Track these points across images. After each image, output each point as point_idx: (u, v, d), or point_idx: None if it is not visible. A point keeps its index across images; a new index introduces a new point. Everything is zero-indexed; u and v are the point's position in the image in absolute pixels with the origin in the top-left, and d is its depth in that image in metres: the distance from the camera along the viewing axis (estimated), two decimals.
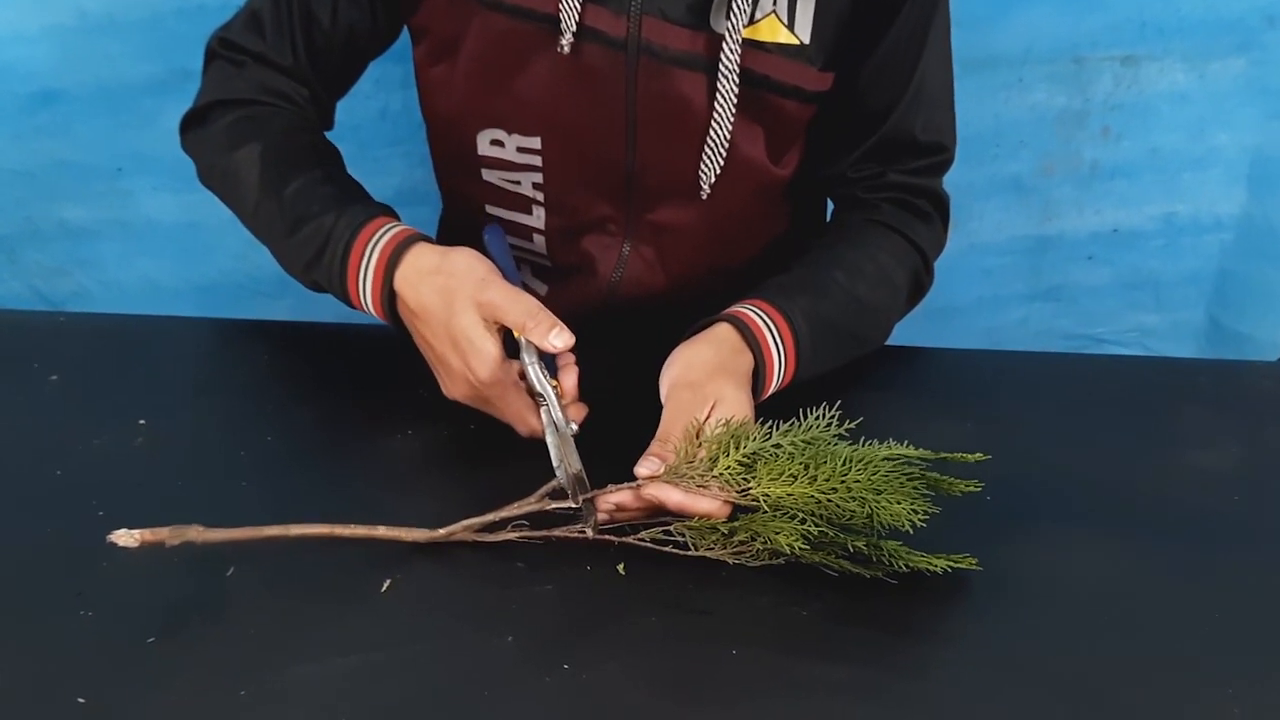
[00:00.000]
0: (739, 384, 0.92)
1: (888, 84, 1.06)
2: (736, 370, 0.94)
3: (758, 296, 1.00)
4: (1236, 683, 0.78)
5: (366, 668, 0.76)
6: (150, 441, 0.97)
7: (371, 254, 0.94)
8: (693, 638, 0.79)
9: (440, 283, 0.91)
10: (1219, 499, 0.95)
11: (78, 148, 1.45)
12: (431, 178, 1.39)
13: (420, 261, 0.93)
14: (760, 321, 0.97)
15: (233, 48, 1.07)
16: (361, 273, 0.94)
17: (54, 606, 0.80)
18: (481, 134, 1.08)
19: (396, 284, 0.93)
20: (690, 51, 1.00)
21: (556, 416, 0.90)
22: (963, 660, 0.79)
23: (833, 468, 0.82)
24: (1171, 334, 1.65)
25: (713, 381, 0.91)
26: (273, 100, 1.06)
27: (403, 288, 0.93)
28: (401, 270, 0.93)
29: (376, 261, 0.94)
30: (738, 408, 0.89)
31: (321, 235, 0.96)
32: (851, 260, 1.06)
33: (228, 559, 0.83)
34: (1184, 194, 1.55)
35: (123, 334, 1.14)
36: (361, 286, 0.95)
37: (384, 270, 0.93)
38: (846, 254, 1.07)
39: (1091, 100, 1.48)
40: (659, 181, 1.08)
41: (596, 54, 1.00)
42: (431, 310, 0.91)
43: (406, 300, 0.93)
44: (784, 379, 0.98)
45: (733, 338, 0.96)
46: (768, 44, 1.00)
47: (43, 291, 1.54)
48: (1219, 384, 1.10)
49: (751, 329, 0.96)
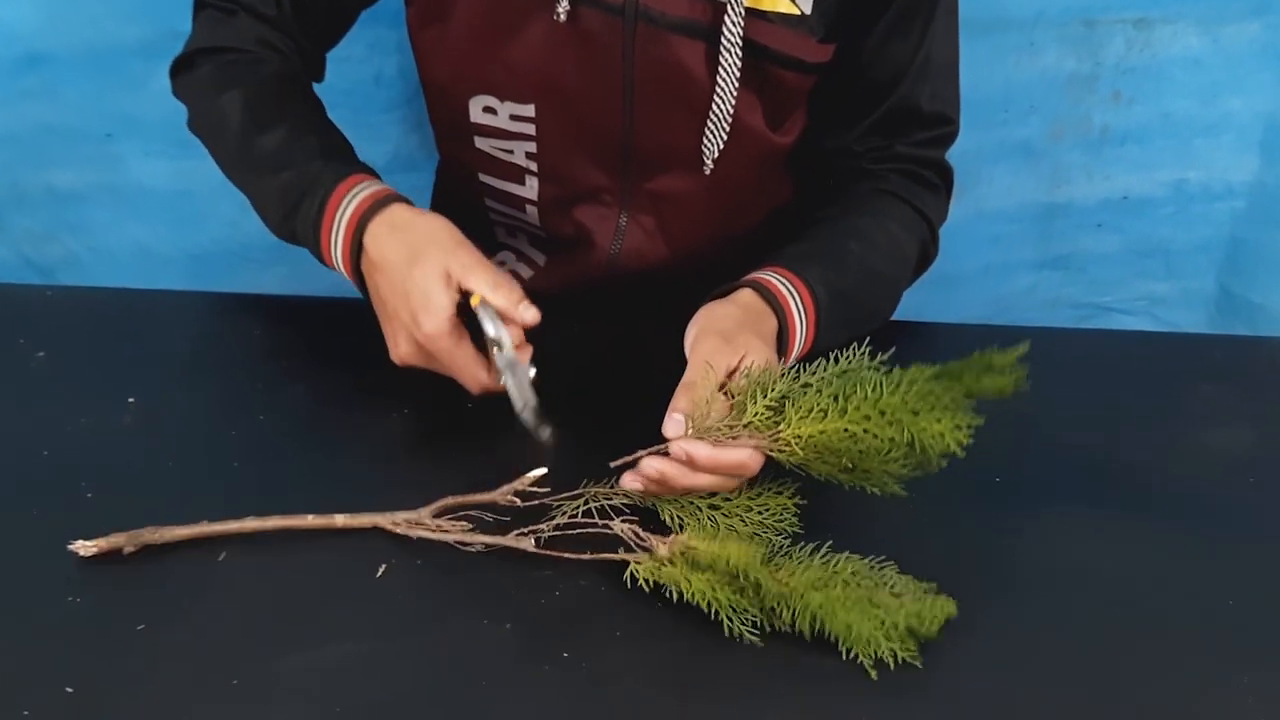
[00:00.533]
0: (766, 341, 0.90)
1: (894, 55, 1.04)
2: (762, 329, 0.92)
3: (777, 264, 0.98)
4: (1252, 670, 0.77)
5: (361, 656, 0.74)
6: (139, 420, 0.95)
7: (348, 206, 0.92)
8: (694, 626, 0.78)
9: (408, 238, 0.90)
10: (1233, 480, 0.94)
11: (65, 112, 1.42)
12: (426, 144, 1.37)
13: (394, 217, 0.92)
14: (783, 287, 0.95)
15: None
16: (336, 223, 0.93)
17: (41, 593, 0.78)
18: (474, 100, 1.06)
19: (365, 237, 0.92)
20: (689, 18, 0.98)
21: (511, 356, 0.88)
22: (969, 646, 0.78)
23: (863, 395, 0.79)
24: (1181, 303, 1.63)
25: (742, 334, 0.89)
26: (259, 49, 1.05)
27: (370, 240, 0.91)
28: (373, 225, 0.91)
29: (352, 214, 0.92)
30: (766, 364, 0.87)
31: (301, 185, 0.95)
32: (864, 231, 1.04)
33: (219, 544, 0.82)
34: (1196, 160, 1.52)
35: (111, 309, 1.12)
36: (334, 238, 0.93)
37: (357, 223, 0.92)
38: (859, 224, 1.05)
39: (1103, 64, 1.45)
40: (657, 151, 1.06)
41: (593, 19, 0.98)
42: (392, 263, 0.90)
43: (369, 252, 0.91)
44: (804, 347, 0.96)
45: (757, 302, 0.94)
46: (769, 13, 0.98)
47: (31, 259, 1.52)
48: (1233, 360, 1.09)
49: (775, 294, 0.94)
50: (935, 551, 0.81)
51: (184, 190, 1.48)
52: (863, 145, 1.10)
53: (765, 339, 0.91)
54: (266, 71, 1.03)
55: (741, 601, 0.78)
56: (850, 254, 1.02)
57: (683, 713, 0.72)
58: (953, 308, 1.53)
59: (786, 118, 1.07)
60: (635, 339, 0.91)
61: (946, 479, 0.83)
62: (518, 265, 1.22)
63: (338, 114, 1.06)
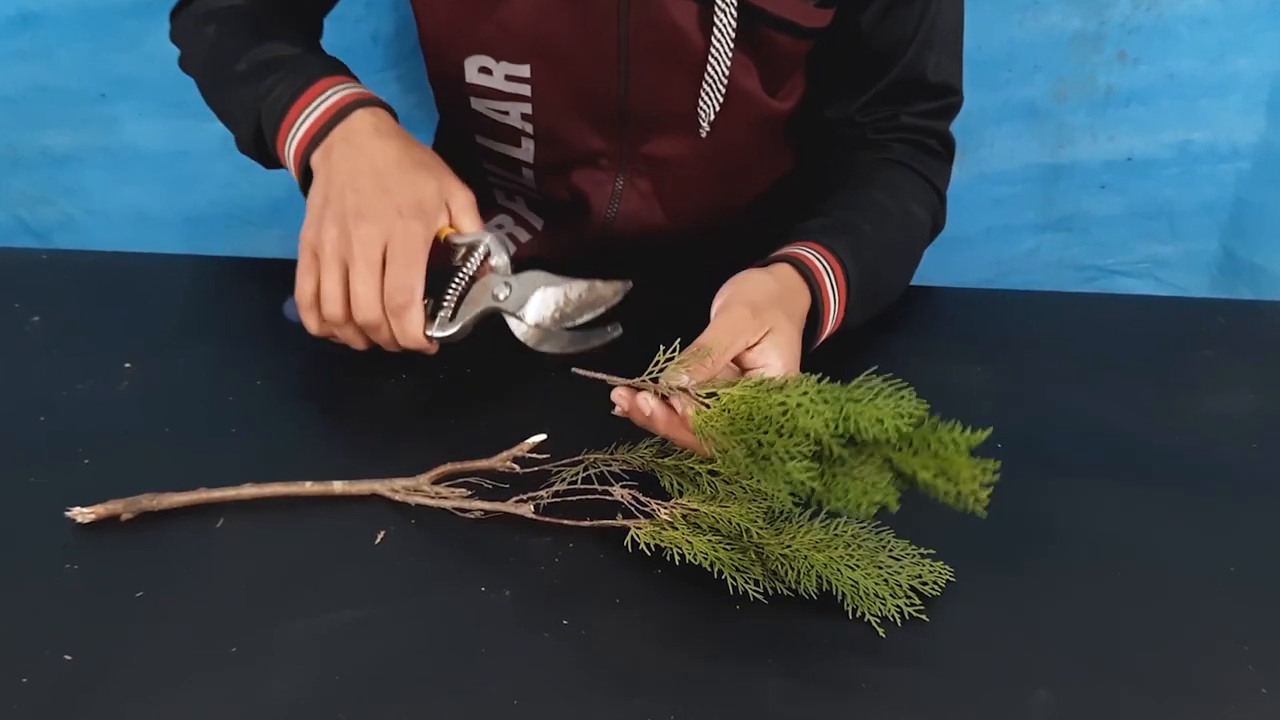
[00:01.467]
0: (794, 322, 0.89)
1: (898, 24, 1.02)
2: (793, 309, 0.90)
3: (808, 239, 0.96)
4: (1252, 640, 0.76)
5: (359, 623, 0.74)
6: (136, 386, 0.94)
7: (337, 92, 0.90)
8: (695, 591, 0.77)
9: (409, 145, 0.89)
10: (1237, 447, 0.93)
11: (59, 72, 1.41)
12: (425, 104, 1.36)
13: (391, 123, 0.90)
14: (818, 263, 0.94)
15: None
16: (319, 100, 0.90)
17: (39, 561, 0.78)
18: (469, 60, 1.05)
19: (356, 120, 0.88)
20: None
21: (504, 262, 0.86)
22: (971, 613, 0.78)
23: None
24: (1184, 265, 1.62)
25: (772, 309, 0.87)
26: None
27: (358, 123, 0.88)
28: (363, 112, 0.89)
29: (342, 97, 0.90)
30: (789, 345, 0.86)
31: (288, 72, 0.92)
32: (883, 205, 1.03)
33: (217, 511, 0.82)
34: (1201, 121, 1.51)
35: (107, 272, 1.11)
36: (309, 110, 0.90)
37: (347, 104, 0.89)
38: (875, 196, 1.04)
39: (1108, 23, 1.43)
40: (653, 113, 1.05)
41: None
42: (387, 155, 0.87)
43: (363, 133, 0.88)
44: (835, 324, 0.95)
45: (793, 277, 0.92)
46: None
47: (26, 221, 1.51)
48: (1237, 325, 1.08)
49: (812, 270, 0.93)
50: (935, 516, 0.81)
51: (180, 151, 1.47)
52: (867, 115, 1.08)
53: (794, 318, 0.89)
54: (264, 5, 1.02)
55: (744, 561, 0.78)
56: (872, 229, 1.00)
57: (685, 677, 0.72)
58: (955, 270, 1.52)
59: (783, 83, 1.06)
60: (635, 303, 0.90)
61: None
62: (516, 229, 1.21)
63: None
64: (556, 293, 0.85)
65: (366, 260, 0.84)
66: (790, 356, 0.85)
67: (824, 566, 0.77)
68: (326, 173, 0.87)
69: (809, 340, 0.93)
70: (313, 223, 0.87)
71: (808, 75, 1.08)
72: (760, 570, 0.78)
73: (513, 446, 0.84)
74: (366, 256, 0.84)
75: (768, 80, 1.04)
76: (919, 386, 0.83)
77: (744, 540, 0.78)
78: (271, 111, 0.92)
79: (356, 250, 0.84)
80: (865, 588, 0.76)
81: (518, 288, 0.86)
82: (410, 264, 0.84)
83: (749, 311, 0.85)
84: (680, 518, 0.79)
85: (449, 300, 0.87)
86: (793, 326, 0.88)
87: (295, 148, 0.90)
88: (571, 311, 0.84)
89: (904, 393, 0.76)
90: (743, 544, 0.78)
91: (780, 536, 0.78)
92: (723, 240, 1.02)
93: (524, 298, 0.86)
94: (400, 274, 0.84)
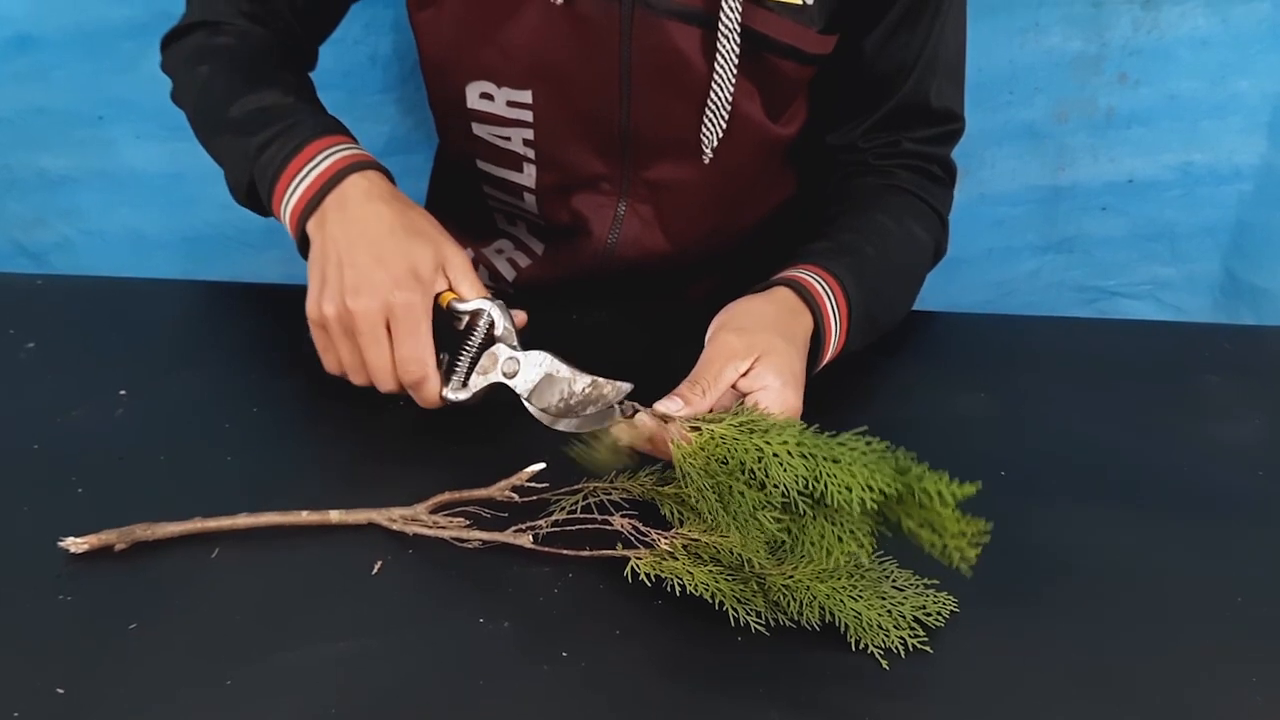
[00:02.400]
0: (791, 340, 0.88)
1: (901, 49, 1.02)
2: (793, 330, 0.90)
3: (808, 262, 0.96)
4: (1260, 668, 0.75)
5: (356, 654, 0.73)
6: (131, 413, 0.94)
7: (332, 154, 0.89)
8: (696, 623, 0.77)
9: (402, 209, 0.88)
10: (1241, 473, 0.92)
11: (57, 94, 1.41)
12: (423, 126, 1.35)
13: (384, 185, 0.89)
14: (818, 285, 0.94)
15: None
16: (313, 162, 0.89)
17: (30, 591, 0.77)
18: (471, 86, 1.05)
19: (348, 186, 0.88)
20: (687, 4, 0.96)
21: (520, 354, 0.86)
22: (976, 641, 0.77)
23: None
24: (1186, 287, 1.61)
25: (764, 333, 0.87)
26: (250, 25, 1.03)
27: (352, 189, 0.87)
28: (357, 178, 0.88)
29: (335, 161, 0.89)
30: (785, 366, 0.85)
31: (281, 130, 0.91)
32: (886, 228, 1.03)
33: (212, 540, 0.81)
34: (1202, 142, 1.50)
35: (102, 297, 1.10)
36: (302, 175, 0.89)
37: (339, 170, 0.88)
38: (879, 221, 1.03)
39: (1109, 45, 1.43)
40: (655, 138, 1.05)
41: (589, 4, 0.96)
42: (381, 220, 0.86)
43: (354, 200, 0.87)
44: (838, 347, 0.95)
45: (792, 300, 0.92)
46: (768, 2, 0.97)
47: (23, 243, 1.50)
48: (1241, 350, 1.07)
49: (812, 293, 0.93)
50: None
51: (177, 173, 1.46)
52: (869, 141, 1.08)
53: (792, 339, 0.89)
54: (256, 42, 1.01)
55: (745, 592, 0.77)
56: (874, 251, 1.00)
57: (685, 709, 0.71)
58: (956, 291, 1.52)
59: (785, 108, 1.06)
60: (635, 329, 0.89)
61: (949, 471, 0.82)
62: (516, 254, 1.21)
63: (333, 95, 1.05)
64: (562, 384, 0.85)
65: (372, 336, 0.84)
66: (789, 377, 0.85)
67: (826, 597, 0.76)
68: (321, 243, 0.87)
69: (811, 363, 0.92)
70: (314, 299, 0.87)
71: (810, 101, 1.07)
72: (762, 601, 0.77)
73: (511, 475, 0.83)
74: (371, 332, 0.84)
75: (770, 106, 1.04)
76: (922, 412, 0.83)
77: (745, 570, 0.77)
78: (265, 174, 0.91)
79: (360, 326, 0.84)
80: (868, 619, 0.75)
81: (525, 368, 0.86)
82: (413, 335, 0.84)
83: (737, 337, 0.85)
84: (681, 548, 0.78)
85: (462, 364, 0.88)
86: (790, 347, 0.87)
87: (290, 215, 0.90)
88: (575, 405, 0.84)
89: (884, 462, 0.76)
90: (744, 574, 0.77)
91: (782, 567, 0.77)
92: (719, 265, 1.01)
93: (531, 382, 0.86)
94: (407, 348, 0.84)
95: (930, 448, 0.92)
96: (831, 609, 0.76)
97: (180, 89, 1.03)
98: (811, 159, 1.13)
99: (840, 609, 0.76)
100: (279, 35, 1.04)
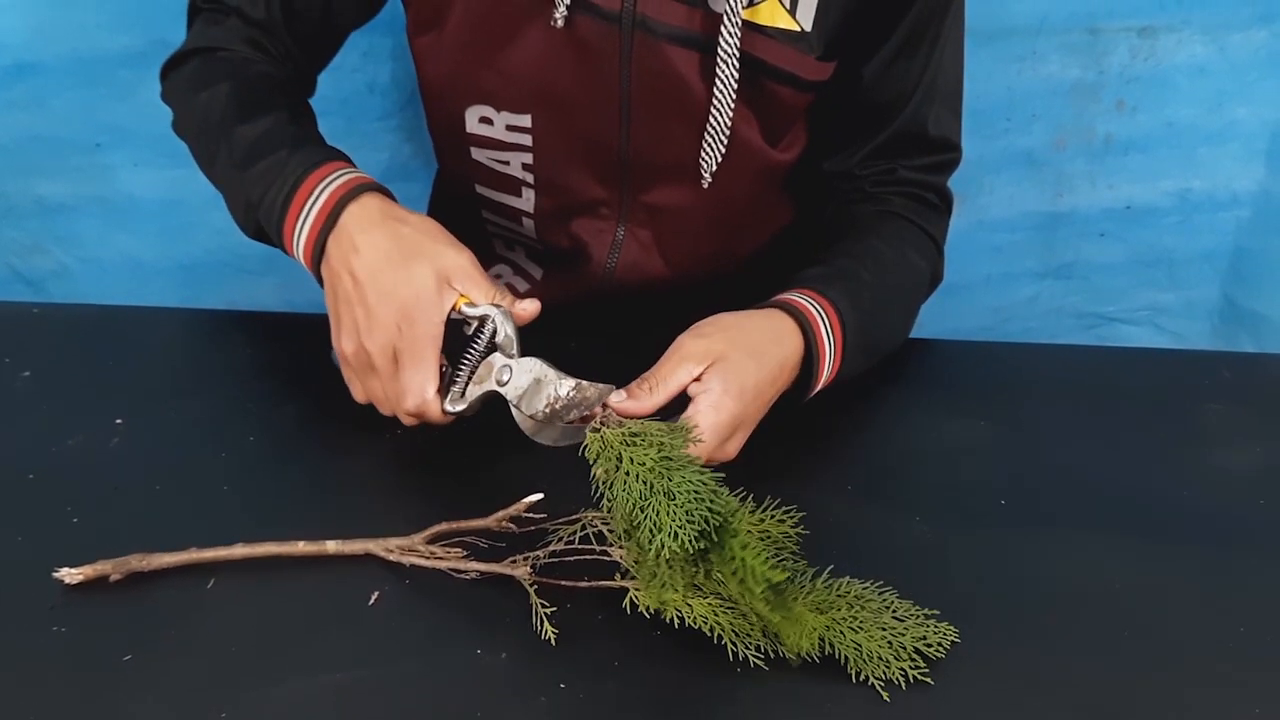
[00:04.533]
0: (755, 355, 0.87)
1: (900, 77, 1.02)
2: (763, 347, 0.89)
3: (804, 286, 0.96)
4: (1263, 698, 0.75)
5: (352, 686, 0.73)
6: (127, 442, 0.93)
7: (327, 187, 0.89)
8: (694, 654, 0.76)
9: (398, 231, 0.87)
10: (1243, 502, 0.92)
11: (54, 122, 1.41)
12: (422, 153, 1.35)
13: (379, 206, 0.88)
14: (812, 309, 0.93)
15: (213, 2, 1.04)
16: (309, 202, 0.89)
17: (23, 622, 0.76)
18: (470, 110, 1.05)
19: (344, 218, 0.87)
20: (686, 29, 0.96)
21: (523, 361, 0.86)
22: (976, 671, 0.76)
23: None
24: (1185, 313, 1.61)
25: (726, 341, 0.86)
26: (248, 49, 1.03)
27: (350, 223, 0.87)
28: (354, 208, 0.88)
29: (330, 195, 0.88)
30: (735, 376, 0.84)
31: (276, 168, 0.91)
32: (882, 255, 1.03)
33: (208, 571, 0.80)
34: (1200, 169, 1.51)
35: (99, 326, 1.10)
36: (303, 218, 0.89)
37: (335, 204, 0.88)
38: (875, 247, 1.03)
39: (1106, 72, 1.44)
40: (654, 162, 1.05)
41: (589, 27, 0.96)
42: (380, 252, 0.85)
43: (348, 236, 0.87)
44: (831, 372, 0.94)
45: (782, 321, 0.92)
46: (767, 28, 0.96)
47: (20, 270, 1.50)
48: (1242, 378, 1.06)
49: (804, 315, 0.92)
50: (939, 576, 0.80)
51: (174, 200, 1.46)
52: (865, 169, 1.08)
53: (759, 355, 0.88)
54: (254, 70, 1.01)
55: (744, 626, 0.76)
56: (871, 276, 1.00)
57: None
58: (954, 317, 1.52)
59: (784, 134, 1.06)
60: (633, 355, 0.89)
61: (950, 501, 0.81)
62: (514, 279, 1.20)
63: (332, 122, 1.05)
64: (549, 388, 0.84)
65: (384, 371, 0.86)
66: (734, 387, 0.84)
67: (826, 629, 0.75)
68: (330, 282, 0.89)
69: (804, 388, 0.92)
70: (335, 337, 0.89)
71: (810, 127, 1.07)
72: (760, 634, 0.76)
73: (509, 505, 0.83)
74: (382, 368, 0.86)
75: (769, 132, 1.04)
76: (920, 440, 0.82)
77: (744, 604, 0.76)
78: (269, 220, 0.92)
79: (376, 361, 0.86)
80: (869, 650, 0.75)
81: (516, 374, 0.85)
82: (416, 367, 0.85)
83: (696, 341, 0.86)
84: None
85: (462, 375, 0.87)
86: (750, 361, 0.86)
87: (303, 258, 0.91)
88: (560, 409, 0.83)
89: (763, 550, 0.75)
90: (743, 607, 0.76)
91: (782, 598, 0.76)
92: (719, 290, 1.00)
93: (521, 387, 0.85)
94: (408, 379, 0.85)
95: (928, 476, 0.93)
96: (831, 640, 0.75)
97: (180, 119, 1.03)
98: (809, 185, 1.12)
99: (840, 640, 0.75)
100: (279, 61, 1.04)
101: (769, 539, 0.81)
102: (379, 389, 0.87)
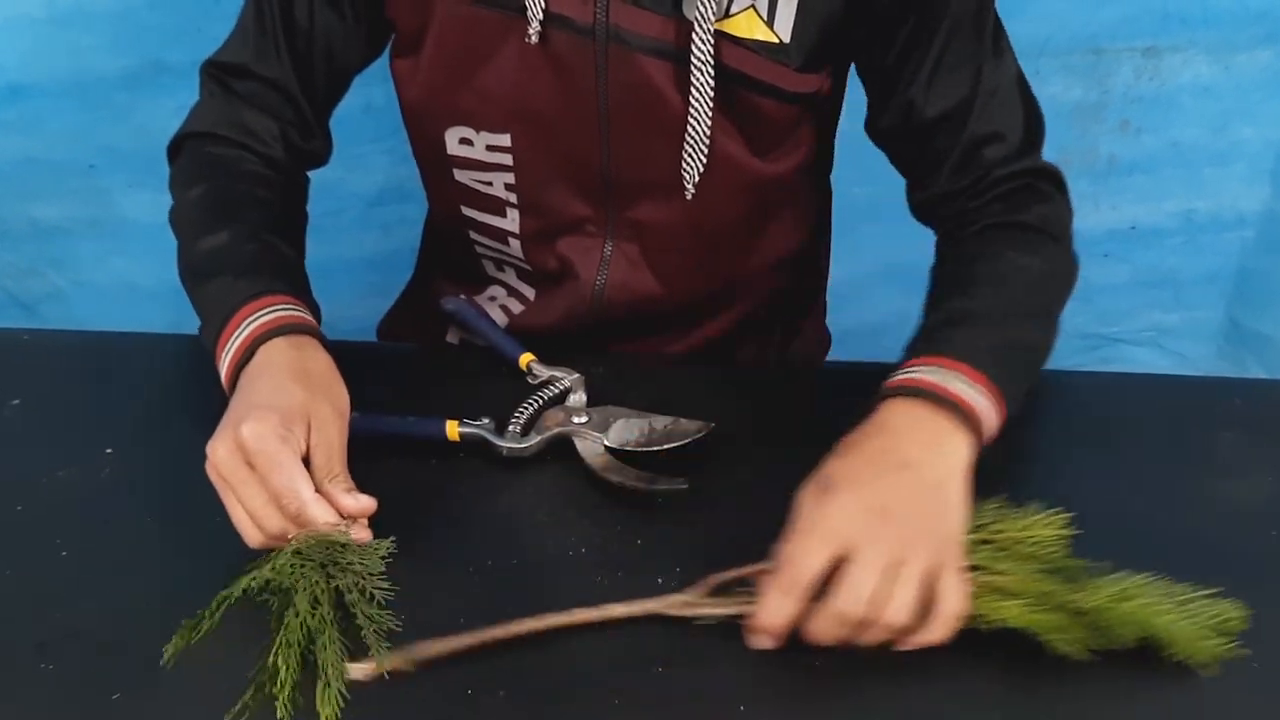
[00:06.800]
0: (900, 463, 0.81)
1: (951, 86, 0.97)
2: (912, 446, 0.82)
3: (919, 356, 0.89)
4: None
5: None
6: (118, 473, 0.92)
7: (255, 320, 0.89)
8: (695, 695, 0.75)
9: (310, 367, 0.87)
10: (1255, 533, 0.90)
11: (48, 144, 1.41)
12: (415, 176, 1.34)
13: (306, 345, 0.88)
14: (931, 378, 0.86)
15: (220, 68, 1.05)
16: (231, 341, 0.89)
17: (12, 658, 0.75)
18: (450, 132, 1.04)
19: (261, 347, 0.87)
20: (661, 39, 0.95)
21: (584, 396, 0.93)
22: (983, 710, 0.76)
23: None
24: (1190, 333, 1.61)
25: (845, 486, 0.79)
26: (242, 138, 1.03)
27: (265, 348, 0.87)
28: (278, 340, 0.87)
29: (256, 328, 0.88)
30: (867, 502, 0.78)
31: (218, 295, 0.92)
32: (984, 274, 0.97)
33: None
34: (1205, 190, 1.51)
35: (89, 353, 1.08)
36: (226, 351, 0.89)
37: (257, 337, 0.88)
38: (977, 269, 0.97)
39: (1110, 92, 1.43)
40: (636, 177, 1.04)
41: (563, 42, 0.96)
42: (278, 369, 0.85)
43: (259, 356, 0.87)
44: (999, 415, 0.87)
45: (909, 413, 0.85)
46: (744, 39, 0.95)
47: (14, 293, 1.50)
48: (1254, 406, 1.04)
49: (940, 393, 0.85)
50: None
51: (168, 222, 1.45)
52: (954, 184, 1.01)
53: (899, 459, 0.81)
54: (235, 170, 1.02)
55: (1061, 621, 0.77)
56: (983, 305, 0.94)
57: None
58: None
59: (774, 146, 1.04)
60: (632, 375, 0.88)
61: None
62: (509, 300, 1.19)
63: None
64: (641, 422, 0.92)
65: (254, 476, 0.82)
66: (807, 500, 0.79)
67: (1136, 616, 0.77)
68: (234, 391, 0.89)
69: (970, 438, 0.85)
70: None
71: (818, 142, 1.05)
72: (1079, 629, 0.77)
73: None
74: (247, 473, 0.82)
75: (755, 143, 1.02)
76: None
77: (1051, 600, 0.77)
78: (208, 342, 0.92)
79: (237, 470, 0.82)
80: (1181, 633, 0.77)
81: (598, 415, 0.93)
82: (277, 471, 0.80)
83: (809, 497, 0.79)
84: (979, 586, 0.78)
85: (519, 416, 0.93)
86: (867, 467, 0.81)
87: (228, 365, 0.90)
88: (656, 439, 0.90)
89: None
90: (1049, 604, 0.77)
91: (1081, 594, 0.78)
92: (713, 308, 0.98)
93: (605, 423, 0.92)
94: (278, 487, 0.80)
95: None
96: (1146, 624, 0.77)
97: (171, 212, 1.03)
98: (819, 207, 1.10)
99: (1154, 623, 0.77)
100: (267, 144, 1.04)
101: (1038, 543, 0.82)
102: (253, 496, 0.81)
